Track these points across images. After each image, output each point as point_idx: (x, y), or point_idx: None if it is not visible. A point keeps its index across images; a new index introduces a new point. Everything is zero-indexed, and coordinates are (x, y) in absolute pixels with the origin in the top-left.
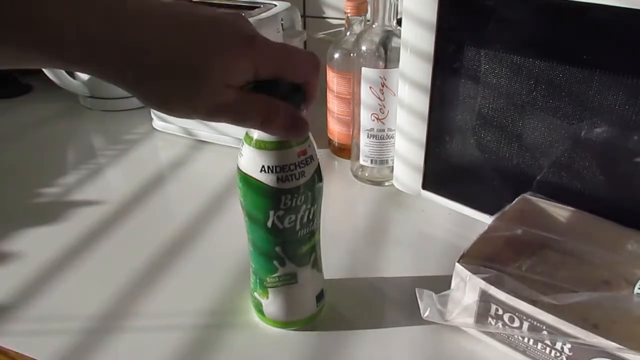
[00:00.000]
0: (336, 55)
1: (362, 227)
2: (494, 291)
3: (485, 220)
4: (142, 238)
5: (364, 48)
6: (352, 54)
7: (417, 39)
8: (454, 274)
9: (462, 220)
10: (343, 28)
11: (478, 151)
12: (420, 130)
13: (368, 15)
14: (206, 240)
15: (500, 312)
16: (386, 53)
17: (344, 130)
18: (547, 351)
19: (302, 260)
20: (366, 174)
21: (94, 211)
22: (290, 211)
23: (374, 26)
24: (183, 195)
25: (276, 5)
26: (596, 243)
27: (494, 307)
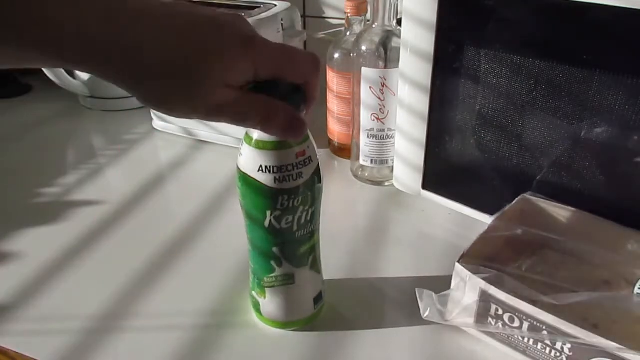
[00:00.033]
0: (336, 55)
1: (362, 227)
2: (494, 291)
3: (485, 220)
4: (142, 238)
5: (364, 48)
6: (352, 54)
7: (417, 39)
8: (454, 274)
9: (462, 220)
10: (343, 28)
11: (478, 151)
12: (420, 130)
13: (368, 15)
14: (206, 240)
15: (500, 312)
16: (386, 53)
17: (344, 130)
18: (547, 351)
19: (300, 261)
20: (366, 174)
21: (94, 211)
22: (287, 212)
23: (374, 26)
24: (183, 195)
25: (276, 5)
26: (596, 243)
27: (494, 307)
